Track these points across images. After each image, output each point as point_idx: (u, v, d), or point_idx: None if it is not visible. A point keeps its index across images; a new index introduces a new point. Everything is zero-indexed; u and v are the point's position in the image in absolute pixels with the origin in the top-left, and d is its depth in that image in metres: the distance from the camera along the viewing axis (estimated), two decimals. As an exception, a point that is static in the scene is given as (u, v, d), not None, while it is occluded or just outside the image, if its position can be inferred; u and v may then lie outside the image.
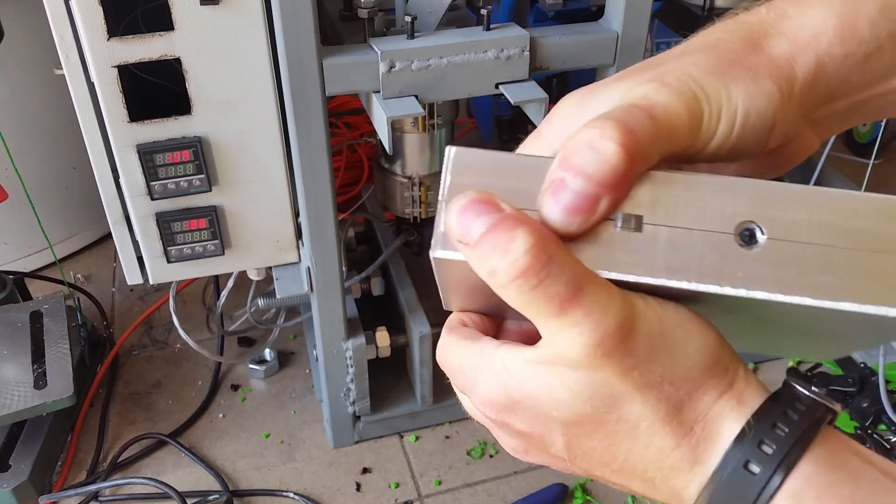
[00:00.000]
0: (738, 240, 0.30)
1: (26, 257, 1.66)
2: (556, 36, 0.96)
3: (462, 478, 1.24)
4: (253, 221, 1.04)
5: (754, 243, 0.30)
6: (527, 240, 0.29)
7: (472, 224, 0.29)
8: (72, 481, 1.24)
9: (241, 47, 0.90)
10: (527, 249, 0.28)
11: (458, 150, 0.32)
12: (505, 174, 0.32)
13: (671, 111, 0.31)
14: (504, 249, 0.29)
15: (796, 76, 0.34)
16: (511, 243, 0.29)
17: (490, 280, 0.30)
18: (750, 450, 0.29)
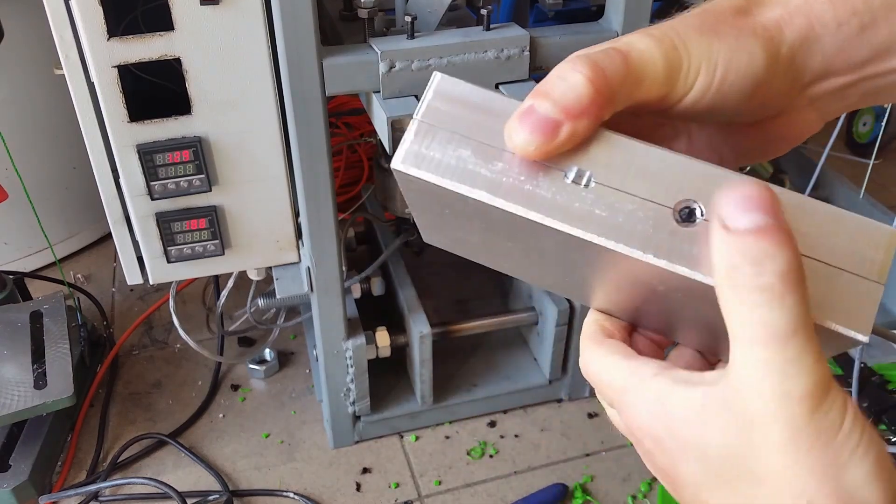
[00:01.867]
0: (676, 216, 0.31)
1: (26, 257, 1.66)
2: (556, 36, 0.96)
3: (462, 478, 1.24)
4: (253, 221, 1.04)
5: (692, 222, 0.31)
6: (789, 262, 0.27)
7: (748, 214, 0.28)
8: (72, 481, 1.24)
9: (241, 47, 0.90)
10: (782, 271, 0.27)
11: (442, 78, 0.34)
12: (482, 109, 0.33)
13: (646, 57, 0.32)
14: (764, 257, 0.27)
15: (784, 38, 0.34)
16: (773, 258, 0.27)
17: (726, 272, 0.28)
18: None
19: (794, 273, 0.27)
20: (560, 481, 1.22)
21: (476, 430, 1.31)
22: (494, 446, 1.28)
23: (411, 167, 0.32)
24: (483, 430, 1.31)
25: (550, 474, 1.23)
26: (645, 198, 0.31)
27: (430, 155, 0.32)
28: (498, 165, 0.32)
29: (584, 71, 0.30)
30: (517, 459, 1.26)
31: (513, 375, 1.34)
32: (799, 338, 0.27)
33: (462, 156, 0.32)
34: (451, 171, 0.32)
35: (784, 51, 0.34)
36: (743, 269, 0.27)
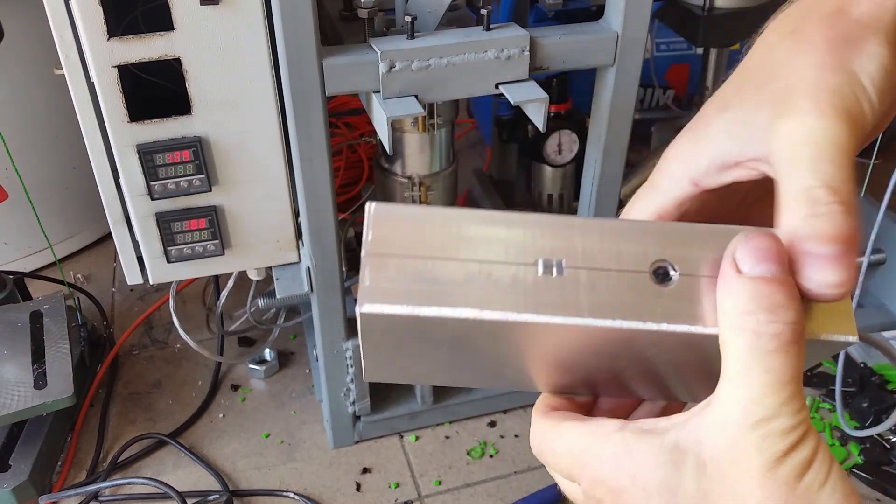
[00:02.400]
0: (653, 278, 0.32)
1: (26, 257, 1.66)
2: (556, 36, 0.96)
3: (462, 478, 1.24)
4: (253, 221, 1.04)
5: (668, 280, 0.32)
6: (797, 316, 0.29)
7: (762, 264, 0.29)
8: (72, 481, 1.24)
9: (241, 47, 0.90)
10: (793, 323, 0.29)
11: (377, 206, 0.33)
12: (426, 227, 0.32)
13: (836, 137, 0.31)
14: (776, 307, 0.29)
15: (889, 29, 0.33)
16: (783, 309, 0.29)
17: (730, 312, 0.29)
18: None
19: (801, 326, 0.29)
20: (560, 481, 1.21)
21: (476, 430, 1.31)
22: (494, 446, 1.28)
23: (380, 305, 0.31)
24: (483, 430, 1.31)
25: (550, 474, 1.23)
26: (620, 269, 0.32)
27: (395, 287, 0.31)
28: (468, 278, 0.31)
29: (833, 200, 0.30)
30: (517, 459, 1.26)
31: (513, 375, 1.34)
32: (794, 385, 0.29)
33: (427, 278, 0.31)
34: (424, 298, 0.31)
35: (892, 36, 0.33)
36: (758, 315, 0.29)
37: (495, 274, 0.31)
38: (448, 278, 0.31)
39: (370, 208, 0.33)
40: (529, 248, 0.32)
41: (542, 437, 0.36)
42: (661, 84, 1.69)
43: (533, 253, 0.32)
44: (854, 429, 1.28)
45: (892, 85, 0.33)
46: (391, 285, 0.31)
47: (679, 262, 0.32)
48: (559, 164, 1.35)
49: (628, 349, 0.33)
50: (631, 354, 0.34)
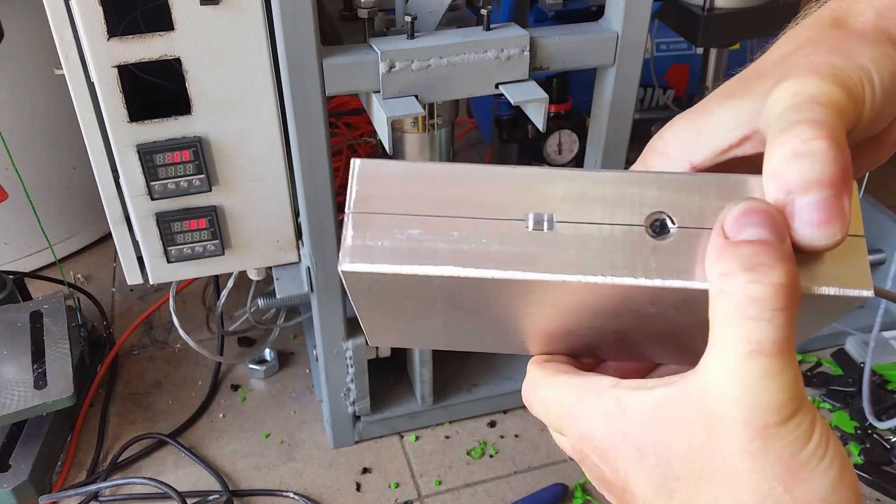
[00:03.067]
0: (650, 231, 0.30)
1: (26, 257, 1.66)
2: (556, 36, 0.96)
3: (462, 478, 1.24)
4: (253, 221, 1.04)
5: (666, 233, 0.30)
6: (784, 277, 0.27)
7: (748, 228, 0.28)
8: (72, 481, 1.24)
9: (241, 47, 0.90)
10: (778, 284, 0.27)
11: (362, 162, 0.31)
12: (414, 181, 0.31)
13: (831, 94, 0.29)
14: (757, 267, 0.27)
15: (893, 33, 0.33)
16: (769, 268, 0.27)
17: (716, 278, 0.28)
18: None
19: (790, 289, 0.27)
20: (560, 481, 1.22)
21: (476, 430, 1.31)
22: (494, 446, 1.28)
23: (361, 264, 0.30)
24: (483, 430, 1.31)
25: (550, 474, 1.23)
26: (613, 223, 0.30)
27: (378, 245, 0.30)
28: (454, 234, 0.30)
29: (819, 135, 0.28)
30: (517, 459, 1.26)
31: (513, 375, 1.34)
32: (782, 355, 0.27)
33: (412, 235, 0.30)
34: (407, 255, 0.30)
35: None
36: (736, 276, 0.27)
37: (483, 230, 0.30)
38: (434, 235, 0.30)
39: (355, 164, 0.31)
40: (518, 203, 0.30)
41: (532, 386, 0.35)
42: (661, 84, 1.69)
43: (522, 207, 0.30)
44: (855, 429, 1.27)
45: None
46: (374, 243, 0.30)
47: (678, 214, 0.30)
48: (559, 164, 1.35)
49: (625, 308, 0.32)
50: (629, 313, 0.32)
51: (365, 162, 0.31)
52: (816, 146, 0.28)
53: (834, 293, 0.29)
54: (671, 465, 0.30)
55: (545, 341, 0.37)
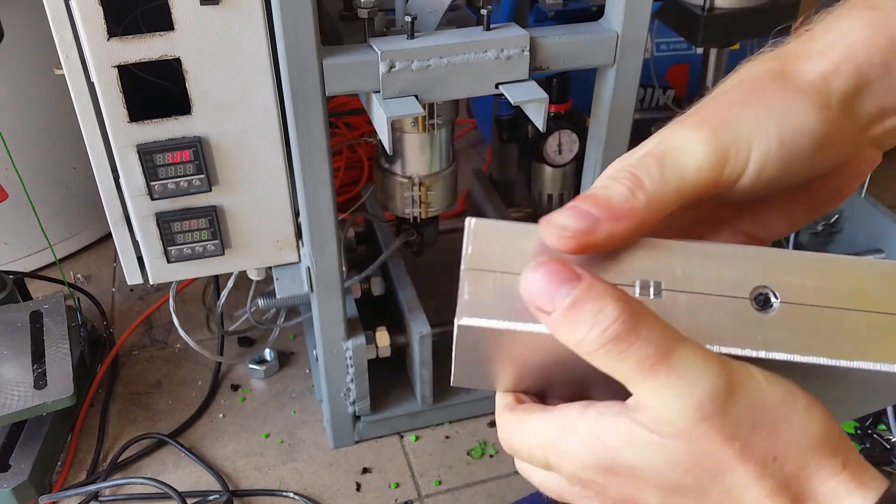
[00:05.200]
0: (754, 304, 0.32)
1: (26, 257, 1.66)
2: (556, 36, 0.96)
3: (462, 478, 1.24)
4: (253, 221, 1.04)
5: (769, 307, 0.32)
6: (616, 308, 0.29)
7: (557, 293, 0.30)
8: (72, 481, 1.24)
9: (241, 47, 0.90)
10: (616, 317, 0.29)
11: (477, 222, 0.34)
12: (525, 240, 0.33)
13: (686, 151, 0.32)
14: (592, 319, 0.29)
15: (833, 89, 0.34)
16: (600, 314, 0.29)
17: (578, 348, 0.30)
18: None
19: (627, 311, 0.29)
20: (560, 481, 1.21)
21: (476, 430, 1.31)
22: (494, 446, 1.28)
23: (477, 319, 0.33)
24: (483, 430, 1.31)
25: (550, 474, 1.23)
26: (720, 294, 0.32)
27: (490, 302, 0.33)
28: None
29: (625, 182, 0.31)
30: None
31: (513, 375, 1.34)
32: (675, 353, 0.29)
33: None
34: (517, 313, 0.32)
35: (835, 101, 0.34)
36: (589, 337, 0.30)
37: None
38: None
39: (470, 223, 0.34)
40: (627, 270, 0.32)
41: (511, 431, 0.37)
42: (661, 84, 1.69)
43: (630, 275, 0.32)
44: (855, 429, 1.27)
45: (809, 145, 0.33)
46: (487, 299, 0.33)
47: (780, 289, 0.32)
48: (559, 164, 1.35)
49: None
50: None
51: (479, 221, 0.34)
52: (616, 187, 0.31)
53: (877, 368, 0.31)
54: (665, 475, 0.31)
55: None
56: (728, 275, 0.32)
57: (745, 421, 0.29)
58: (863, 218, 1.48)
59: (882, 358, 0.31)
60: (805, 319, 0.32)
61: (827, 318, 0.32)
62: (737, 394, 0.29)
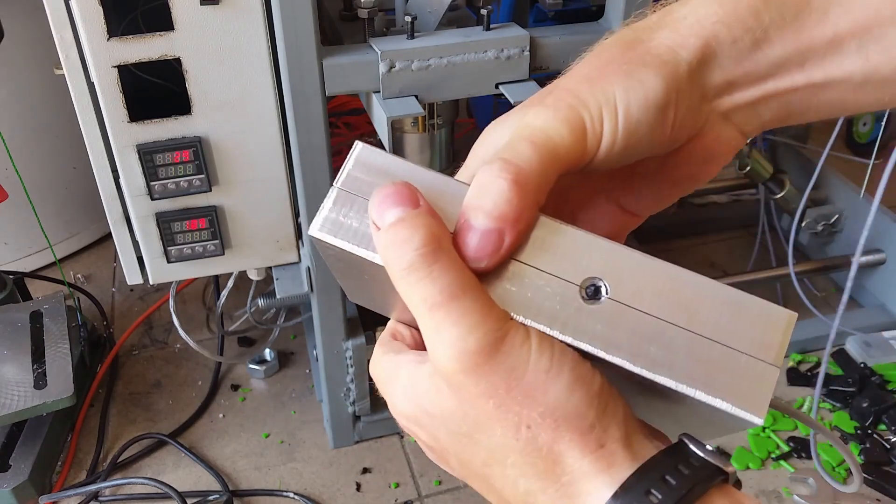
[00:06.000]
0: (583, 292, 0.32)
1: (26, 257, 1.66)
2: (556, 36, 0.96)
3: (462, 478, 1.24)
4: (253, 221, 1.04)
5: (597, 299, 0.32)
6: (423, 237, 0.31)
7: (387, 212, 0.31)
8: (72, 481, 1.24)
9: (241, 47, 0.90)
10: (419, 246, 0.30)
11: (363, 147, 0.34)
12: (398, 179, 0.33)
13: (551, 132, 0.33)
14: (401, 241, 0.31)
15: (680, 60, 0.35)
16: (408, 239, 0.31)
17: (387, 267, 0.32)
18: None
19: (431, 246, 0.31)
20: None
21: (476, 430, 1.31)
22: (494, 446, 1.28)
23: (328, 235, 0.34)
24: (483, 430, 1.31)
25: (550, 474, 1.23)
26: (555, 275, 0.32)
27: (348, 223, 0.34)
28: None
29: (501, 175, 0.31)
30: (517, 459, 1.26)
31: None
32: (458, 301, 0.30)
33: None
34: (367, 240, 0.33)
35: (683, 70, 0.35)
36: (392, 258, 0.31)
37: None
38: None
39: (356, 146, 0.34)
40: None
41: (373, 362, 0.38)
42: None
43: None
44: (856, 429, 1.28)
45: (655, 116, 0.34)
46: (346, 220, 0.34)
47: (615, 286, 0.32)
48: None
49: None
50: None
51: (366, 148, 0.34)
52: (497, 185, 0.31)
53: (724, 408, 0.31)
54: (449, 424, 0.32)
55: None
56: (570, 258, 0.32)
57: (501, 383, 0.30)
58: (863, 218, 1.48)
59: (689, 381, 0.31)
60: (627, 321, 0.31)
61: (650, 326, 0.31)
62: (499, 355, 0.30)
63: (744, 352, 0.31)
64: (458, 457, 0.34)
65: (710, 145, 0.38)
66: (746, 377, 0.31)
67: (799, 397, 1.35)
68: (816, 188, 1.51)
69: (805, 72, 0.36)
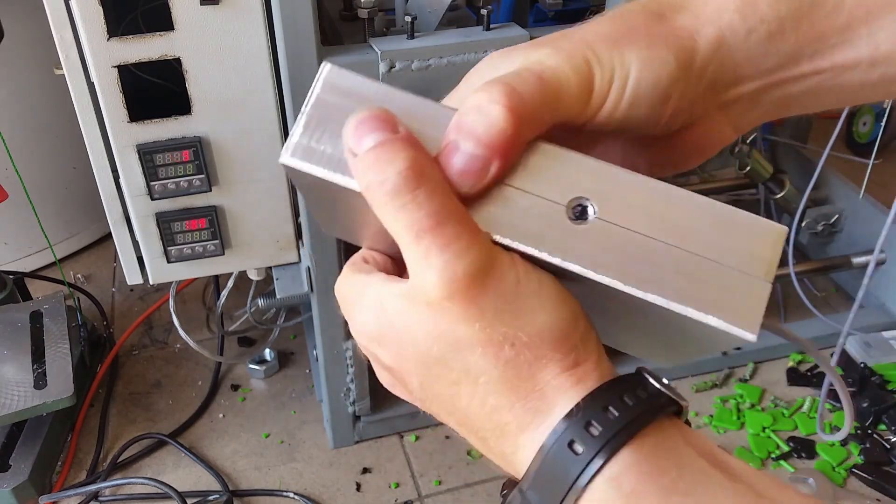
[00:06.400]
0: (570, 213, 0.31)
1: (26, 257, 1.66)
2: (556, 36, 0.96)
3: (462, 478, 1.24)
4: (253, 221, 1.04)
5: (584, 219, 0.31)
6: (404, 162, 0.30)
7: (365, 138, 0.30)
8: (72, 481, 1.24)
9: (241, 47, 0.90)
10: (401, 171, 0.30)
11: (331, 68, 0.33)
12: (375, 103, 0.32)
13: (561, 74, 0.32)
14: (382, 166, 0.30)
15: (697, 48, 0.34)
16: (390, 163, 0.30)
17: (366, 193, 0.31)
18: (576, 429, 0.29)
19: (415, 169, 0.30)
20: (560, 481, 1.21)
21: (476, 430, 1.31)
22: (494, 446, 1.28)
23: (299, 161, 0.32)
24: (483, 430, 1.31)
25: (550, 474, 1.23)
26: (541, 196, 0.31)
27: (320, 149, 0.32)
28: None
29: (501, 101, 0.30)
30: (517, 459, 1.26)
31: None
32: (446, 226, 0.30)
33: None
34: (342, 166, 0.32)
35: (696, 59, 0.34)
36: (372, 183, 0.30)
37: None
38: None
39: (324, 68, 0.33)
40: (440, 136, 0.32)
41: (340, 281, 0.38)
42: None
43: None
44: (856, 429, 1.28)
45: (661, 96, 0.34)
46: (318, 146, 0.32)
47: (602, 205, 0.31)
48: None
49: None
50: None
51: (334, 68, 0.33)
52: (495, 110, 0.30)
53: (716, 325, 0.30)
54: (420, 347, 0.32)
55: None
56: (557, 178, 0.31)
57: (490, 306, 0.30)
58: (863, 218, 1.48)
59: (680, 299, 0.30)
60: (616, 240, 0.31)
61: (639, 245, 0.30)
62: (489, 279, 0.30)
63: (735, 267, 0.30)
64: (421, 378, 0.33)
65: (700, 136, 0.37)
66: (738, 293, 0.30)
67: (799, 397, 1.35)
68: (816, 188, 1.51)
69: (812, 62, 0.35)
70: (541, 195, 0.31)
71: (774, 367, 1.41)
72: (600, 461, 0.29)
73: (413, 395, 0.35)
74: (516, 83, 0.31)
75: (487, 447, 0.33)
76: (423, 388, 0.34)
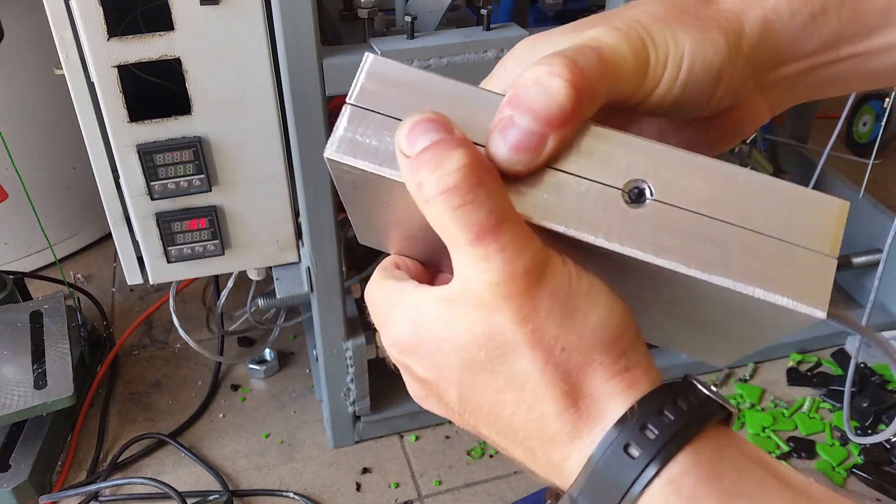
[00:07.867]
0: (626, 196, 0.30)
1: (26, 257, 1.66)
2: (556, 36, 0.96)
3: (462, 478, 1.24)
4: (253, 221, 1.04)
5: (641, 202, 0.30)
6: (462, 159, 0.29)
7: (419, 138, 0.29)
8: (72, 481, 1.24)
9: (241, 47, 0.90)
10: (459, 168, 0.28)
11: (374, 59, 0.32)
12: (420, 91, 0.31)
13: (619, 52, 0.31)
14: (437, 164, 0.29)
15: (744, 30, 0.34)
16: (446, 160, 0.28)
17: (417, 194, 0.29)
18: (632, 433, 0.29)
19: (475, 167, 0.28)
20: (560, 481, 1.21)
21: (476, 430, 1.31)
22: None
23: (345, 156, 0.31)
24: (483, 430, 1.31)
25: (550, 474, 1.23)
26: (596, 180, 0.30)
27: (366, 142, 0.31)
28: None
29: (563, 74, 0.29)
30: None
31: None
32: (505, 225, 0.29)
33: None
34: (388, 159, 0.31)
35: (744, 42, 0.34)
36: (426, 182, 0.29)
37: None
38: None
39: (367, 58, 0.32)
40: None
41: (368, 288, 0.37)
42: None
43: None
44: (856, 433, 1.28)
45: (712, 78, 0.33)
46: (363, 139, 0.31)
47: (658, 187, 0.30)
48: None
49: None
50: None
51: (377, 59, 0.32)
52: (555, 84, 0.29)
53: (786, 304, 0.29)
54: (464, 352, 0.31)
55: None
56: (611, 161, 0.30)
57: (544, 307, 0.29)
58: (863, 218, 1.48)
59: (746, 279, 0.29)
60: (676, 222, 0.30)
61: (699, 226, 0.29)
62: (544, 279, 0.29)
63: (799, 244, 0.29)
64: (461, 387, 0.32)
65: (740, 118, 0.37)
66: (805, 271, 0.29)
67: (799, 397, 1.35)
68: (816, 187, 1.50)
69: (852, 44, 0.35)
70: (595, 179, 0.30)
71: (774, 368, 1.41)
72: (658, 465, 0.28)
73: (449, 408, 0.34)
74: (577, 57, 0.30)
75: (533, 456, 0.32)
76: (461, 399, 0.32)
